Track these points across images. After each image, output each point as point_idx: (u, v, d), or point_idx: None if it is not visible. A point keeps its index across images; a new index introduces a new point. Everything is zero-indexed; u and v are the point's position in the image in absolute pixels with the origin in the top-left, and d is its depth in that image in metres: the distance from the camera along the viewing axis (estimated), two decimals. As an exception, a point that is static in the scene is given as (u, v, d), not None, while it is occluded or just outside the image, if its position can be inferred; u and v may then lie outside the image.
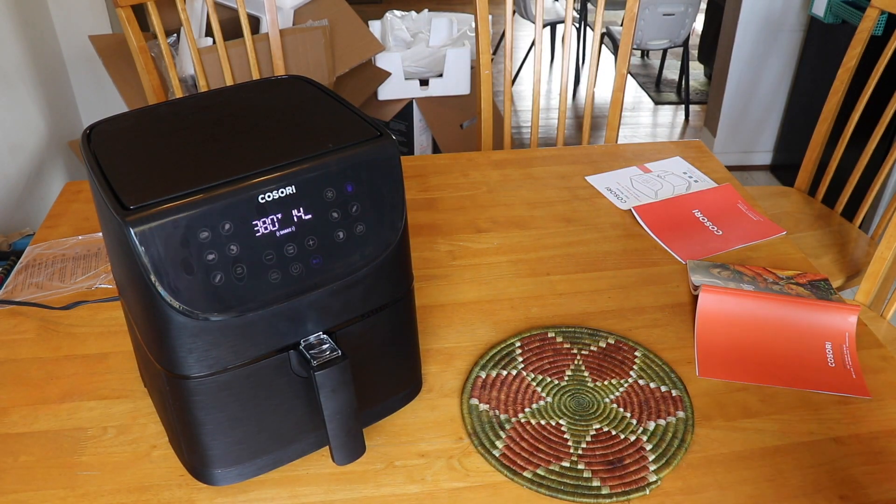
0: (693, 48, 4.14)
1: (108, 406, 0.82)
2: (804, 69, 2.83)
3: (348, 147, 0.64)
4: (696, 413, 0.80)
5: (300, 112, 0.71)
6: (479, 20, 1.50)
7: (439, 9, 3.90)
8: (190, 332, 0.61)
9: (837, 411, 0.81)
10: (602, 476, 0.73)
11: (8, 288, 1.02)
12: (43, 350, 0.90)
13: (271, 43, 1.70)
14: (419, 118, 2.65)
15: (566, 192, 1.23)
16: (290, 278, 0.63)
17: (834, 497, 0.71)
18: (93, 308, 0.97)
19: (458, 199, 1.21)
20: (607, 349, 0.89)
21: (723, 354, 0.88)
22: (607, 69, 3.94)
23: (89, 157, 0.64)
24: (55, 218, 1.17)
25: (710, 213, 1.17)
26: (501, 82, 3.97)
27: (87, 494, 0.72)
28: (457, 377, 0.86)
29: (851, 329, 0.90)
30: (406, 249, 0.71)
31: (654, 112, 3.77)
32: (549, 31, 4.38)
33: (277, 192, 0.61)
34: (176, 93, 1.60)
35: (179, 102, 0.74)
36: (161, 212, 0.57)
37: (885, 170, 1.54)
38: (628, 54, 1.56)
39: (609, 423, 0.79)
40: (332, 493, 0.72)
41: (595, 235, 1.12)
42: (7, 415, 0.81)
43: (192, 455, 0.70)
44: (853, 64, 1.59)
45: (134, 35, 1.47)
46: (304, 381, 0.69)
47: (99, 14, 2.57)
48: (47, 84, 2.41)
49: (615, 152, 1.36)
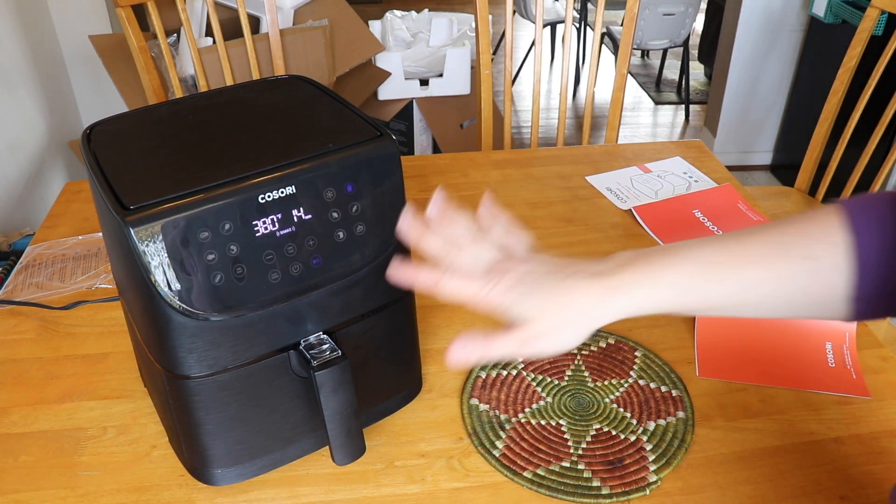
0: (693, 48, 4.14)
1: (108, 406, 0.82)
2: (804, 69, 2.83)
3: (348, 147, 0.64)
4: (697, 413, 0.80)
5: (300, 112, 0.71)
6: (479, 20, 1.50)
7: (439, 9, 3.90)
8: (190, 332, 0.61)
9: (838, 411, 0.81)
10: (602, 476, 0.73)
11: (8, 288, 1.02)
12: (43, 350, 0.90)
13: (271, 43, 1.70)
14: (419, 118, 2.65)
15: (566, 192, 1.23)
16: (290, 278, 0.63)
17: (834, 497, 0.71)
18: (93, 308, 0.97)
19: (458, 199, 1.21)
20: (607, 349, 0.89)
21: (723, 354, 0.88)
22: (607, 69, 3.94)
23: (89, 157, 0.64)
24: (55, 218, 1.17)
25: (711, 214, 1.17)
26: (501, 82, 3.97)
27: (87, 494, 0.72)
28: (457, 377, 0.86)
29: (851, 329, 0.90)
30: (406, 250, 0.71)
31: (655, 112, 3.77)
32: (550, 31, 4.39)
33: (277, 192, 0.61)
34: (176, 93, 1.60)
35: (179, 102, 0.74)
36: (161, 212, 0.57)
37: (885, 170, 1.54)
38: (628, 54, 1.56)
39: (609, 423, 0.79)
40: (332, 493, 0.72)
41: (595, 235, 1.12)
42: (7, 415, 0.81)
43: (192, 455, 0.70)
44: (853, 64, 1.59)
45: (134, 35, 1.47)
46: (304, 381, 0.69)
47: (99, 14, 2.57)
48: (47, 84, 2.41)
49: (615, 152, 1.36)
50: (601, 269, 0.56)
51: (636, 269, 0.55)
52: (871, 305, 0.54)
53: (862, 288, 0.53)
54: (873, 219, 0.53)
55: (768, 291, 0.55)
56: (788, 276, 0.54)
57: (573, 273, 0.56)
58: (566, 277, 0.55)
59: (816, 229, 0.55)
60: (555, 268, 0.57)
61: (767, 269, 0.55)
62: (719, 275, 0.55)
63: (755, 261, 0.55)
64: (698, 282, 0.55)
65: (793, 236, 0.55)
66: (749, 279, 0.55)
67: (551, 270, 0.56)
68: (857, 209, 0.54)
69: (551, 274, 0.56)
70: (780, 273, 0.55)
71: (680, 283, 0.55)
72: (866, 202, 0.54)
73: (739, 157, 3.12)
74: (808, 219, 0.56)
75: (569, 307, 0.55)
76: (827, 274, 0.53)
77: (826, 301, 0.55)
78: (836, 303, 0.54)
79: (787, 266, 0.54)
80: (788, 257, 0.55)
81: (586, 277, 0.55)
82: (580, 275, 0.55)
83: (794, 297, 0.55)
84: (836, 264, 0.53)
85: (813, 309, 0.56)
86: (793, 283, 0.55)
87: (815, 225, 0.55)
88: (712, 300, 0.56)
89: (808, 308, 0.56)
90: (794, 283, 0.55)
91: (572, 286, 0.55)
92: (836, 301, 0.54)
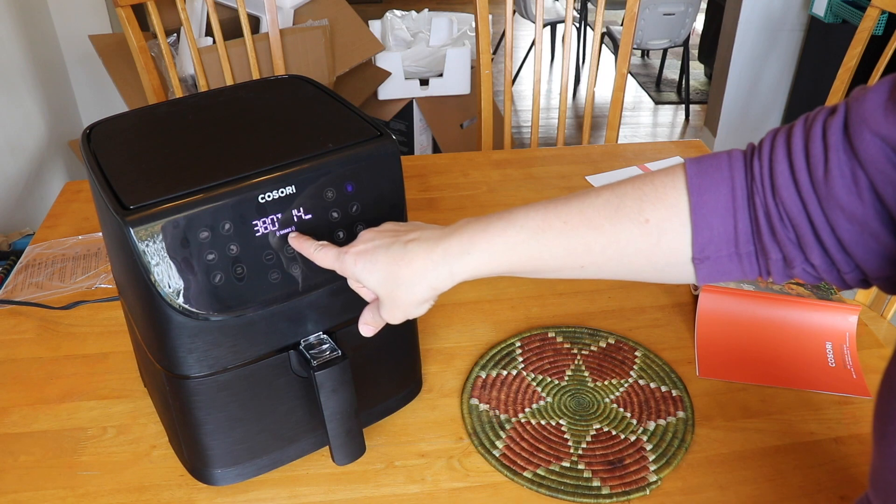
0: (693, 48, 4.14)
1: (108, 406, 0.82)
2: (804, 69, 2.83)
3: (348, 147, 0.64)
4: (697, 413, 0.80)
5: (300, 112, 0.71)
6: (479, 20, 1.50)
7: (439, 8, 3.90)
8: (190, 332, 0.61)
9: (838, 411, 0.81)
10: (602, 476, 0.73)
11: (8, 288, 1.02)
12: (43, 350, 0.90)
13: (271, 43, 1.70)
14: (419, 118, 2.65)
15: (566, 192, 1.23)
16: (290, 278, 0.63)
17: (834, 497, 0.71)
18: (93, 308, 0.97)
19: (458, 199, 1.21)
20: (607, 349, 0.89)
21: (723, 354, 0.88)
22: (607, 69, 3.94)
23: (89, 156, 0.64)
24: (55, 218, 1.17)
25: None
26: (501, 82, 3.97)
27: (87, 494, 0.72)
28: (457, 377, 0.86)
29: (852, 329, 0.90)
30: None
31: (655, 112, 3.77)
32: (550, 31, 4.38)
33: (277, 191, 0.61)
34: (176, 92, 1.60)
35: (179, 102, 0.74)
36: (161, 211, 0.57)
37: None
38: (628, 54, 1.56)
39: (609, 423, 0.79)
40: (332, 493, 0.72)
41: (595, 235, 1.12)
42: (7, 415, 0.81)
43: (192, 455, 0.70)
44: (853, 64, 1.59)
45: (134, 35, 1.47)
46: (304, 381, 0.69)
47: (99, 14, 2.57)
48: (47, 84, 2.41)
49: (615, 152, 1.36)
50: (438, 236, 0.58)
51: (470, 235, 0.57)
52: (715, 267, 0.53)
53: (700, 247, 0.52)
54: (708, 179, 0.52)
55: (601, 253, 0.55)
56: (623, 238, 0.54)
57: (412, 240, 0.58)
58: (404, 245, 0.58)
59: (653, 191, 0.54)
60: (395, 236, 0.59)
61: (598, 232, 0.55)
62: (549, 240, 0.56)
63: (587, 223, 0.55)
64: (530, 245, 0.56)
65: (631, 198, 0.54)
66: (579, 242, 0.55)
67: (392, 241, 0.58)
68: (697, 170, 0.53)
69: (392, 244, 0.58)
70: (612, 236, 0.54)
71: (510, 249, 0.56)
72: (708, 161, 0.54)
73: (739, 157, 3.12)
74: (651, 179, 0.55)
75: (407, 277, 0.57)
76: (668, 237, 0.53)
77: (672, 263, 0.54)
78: (681, 265, 0.54)
79: (618, 229, 0.54)
80: (619, 219, 0.54)
81: (423, 244, 0.57)
82: (417, 242, 0.57)
83: (633, 260, 0.55)
84: (674, 227, 0.53)
85: (660, 271, 0.55)
86: (629, 245, 0.54)
87: (655, 186, 0.54)
88: (546, 263, 0.57)
89: (654, 271, 0.56)
90: (630, 245, 0.54)
91: (409, 254, 0.57)
92: (681, 264, 0.54)
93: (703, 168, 0.53)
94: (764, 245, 0.50)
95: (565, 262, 0.57)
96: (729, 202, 0.51)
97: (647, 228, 0.53)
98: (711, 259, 0.53)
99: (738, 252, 0.52)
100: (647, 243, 0.54)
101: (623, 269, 0.57)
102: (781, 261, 0.51)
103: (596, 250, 0.55)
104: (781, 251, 0.50)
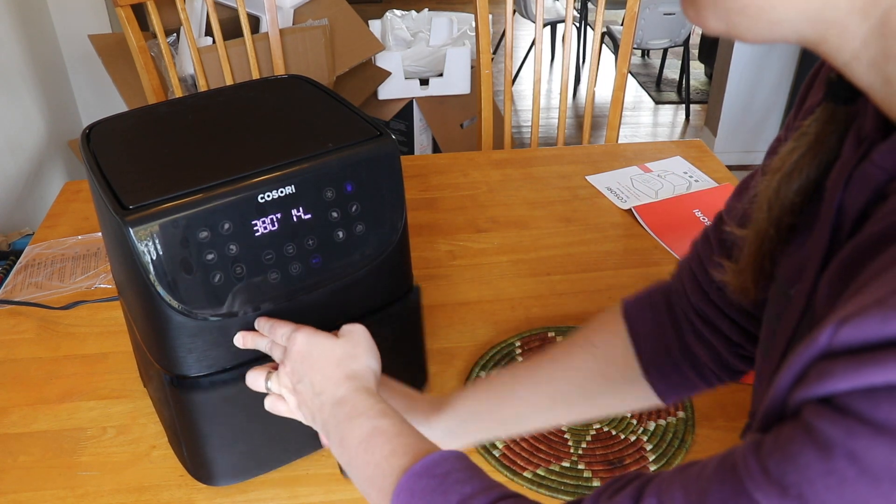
0: (693, 47, 4.13)
1: (107, 406, 0.82)
2: (805, 68, 2.83)
3: (348, 147, 0.64)
4: (697, 413, 0.80)
5: (300, 112, 0.71)
6: (480, 19, 1.50)
7: (439, 8, 3.90)
8: (189, 332, 0.61)
9: (838, 411, 0.80)
10: (602, 476, 0.73)
11: (7, 288, 1.02)
12: (42, 350, 0.90)
13: (271, 42, 1.70)
14: (419, 118, 2.64)
15: (566, 192, 1.23)
16: (290, 278, 0.63)
17: (834, 497, 0.71)
18: (92, 308, 0.97)
19: (458, 199, 1.21)
20: (607, 349, 0.89)
21: (723, 354, 0.88)
22: (608, 69, 3.94)
23: (89, 156, 0.64)
24: (55, 218, 1.17)
25: (711, 213, 1.17)
26: (501, 82, 3.97)
27: (87, 494, 0.72)
28: (457, 377, 0.85)
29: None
30: (406, 249, 0.71)
31: (655, 112, 3.77)
32: (550, 31, 4.38)
33: (277, 191, 0.61)
34: (176, 92, 1.60)
35: (179, 102, 0.74)
36: (160, 212, 0.57)
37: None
38: (629, 54, 1.56)
39: (609, 423, 0.79)
40: (332, 493, 0.72)
41: (595, 235, 1.12)
42: (7, 415, 0.81)
43: (192, 455, 0.70)
44: (854, 63, 1.59)
45: (134, 35, 1.47)
46: (303, 381, 0.69)
47: (99, 14, 2.56)
48: (47, 84, 2.41)
49: (615, 152, 1.36)
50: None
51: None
52: (664, 379, 0.61)
53: (644, 360, 0.61)
54: (639, 306, 0.63)
55: (549, 398, 0.64)
56: (576, 366, 0.63)
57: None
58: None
59: (597, 322, 0.65)
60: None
61: (547, 379, 0.64)
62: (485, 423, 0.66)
63: (526, 384, 0.65)
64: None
65: (583, 330, 0.65)
66: (518, 401, 0.65)
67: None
68: (630, 302, 0.64)
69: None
70: (565, 372, 0.64)
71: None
72: (640, 295, 0.64)
73: (740, 157, 3.11)
74: (598, 316, 0.66)
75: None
76: (615, 356, 0.62)
77: (628, 380, 0.62)
78: (638, 381, 0.61)
79: (571, 359, 0.64)
80: (573, 353, 0.64)
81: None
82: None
83: (592, 385, 0.63)
84: (618, 349, 0.62)
85: (619, 392, 0.63)
86: (584, 369, 0.63)
87: (599, 318, 0.65)
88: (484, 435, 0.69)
89: (615, 392, 0.64)
90: (584, 369, 0.63)
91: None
92: (637, 379, 0.61)
93: (636, 299, 0.64)
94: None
95: (507, 429, 0.70)
96: (652, 323, 0.62)
97: (595, 351, 0.64)
98: (658, 370, 0.62)
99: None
100: (599, 365, 0.64)
101: (583, 405, 0.66)
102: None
103: (544, 399, 0.65)
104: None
